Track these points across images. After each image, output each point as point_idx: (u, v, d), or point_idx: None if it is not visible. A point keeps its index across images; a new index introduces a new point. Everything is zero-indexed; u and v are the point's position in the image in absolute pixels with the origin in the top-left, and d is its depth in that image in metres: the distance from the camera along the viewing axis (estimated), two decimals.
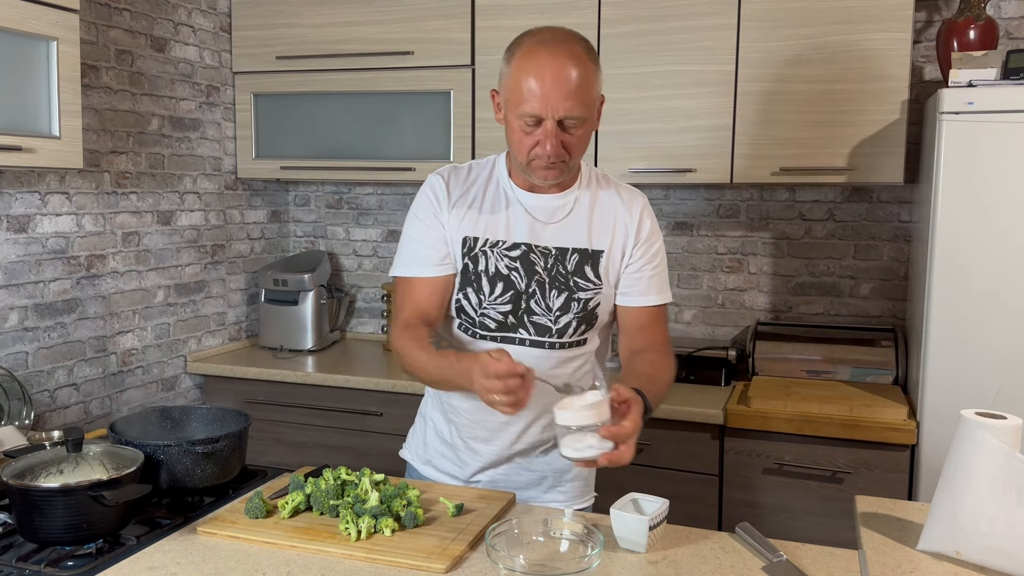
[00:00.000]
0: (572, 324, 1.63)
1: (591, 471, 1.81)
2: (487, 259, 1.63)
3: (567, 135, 1.51)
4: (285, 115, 3.15)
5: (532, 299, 1.62)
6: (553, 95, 1.47)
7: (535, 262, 1.62)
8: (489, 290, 1.63)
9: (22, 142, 2.02)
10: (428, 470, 1.82)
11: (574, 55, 1.50)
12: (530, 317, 1.62)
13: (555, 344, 1.64)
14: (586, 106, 1.50)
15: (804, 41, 2.54)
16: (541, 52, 1.50)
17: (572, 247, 1.63)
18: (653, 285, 1.66)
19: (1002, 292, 2.17)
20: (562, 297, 1.62)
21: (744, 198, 3.02)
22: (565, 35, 1.55)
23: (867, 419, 2.34)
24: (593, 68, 1.52)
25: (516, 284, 1.62)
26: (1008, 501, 1.22)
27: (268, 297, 3.25)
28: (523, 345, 1.63)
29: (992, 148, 2.14)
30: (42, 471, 1.46)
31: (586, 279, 1.63)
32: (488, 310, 1.63)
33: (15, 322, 2.41)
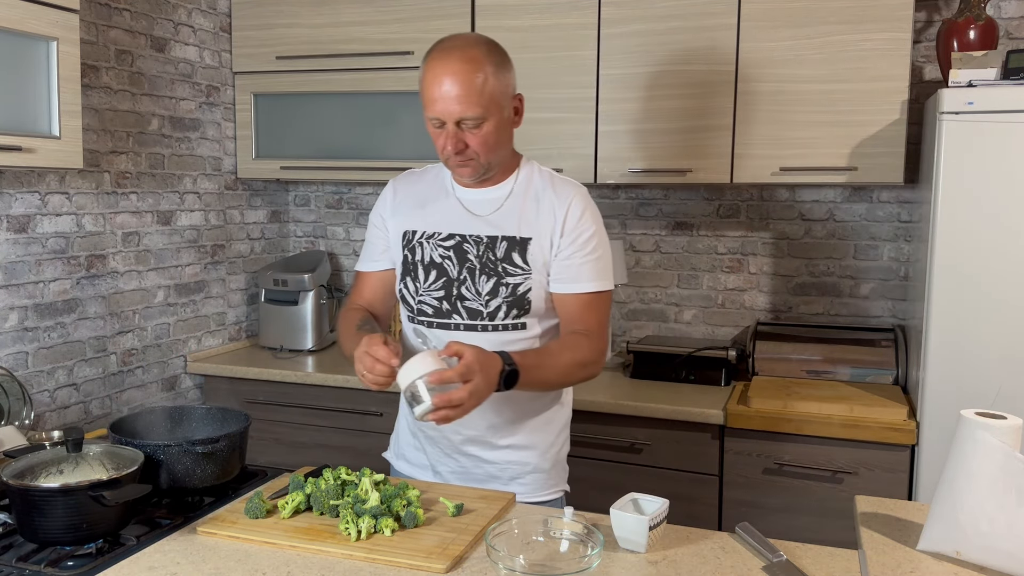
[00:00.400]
0: (502, 308, 1.71)
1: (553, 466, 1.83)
2: (423, 249, 1.76)
3: (470, 135, 1.63)
4: (285, 115, 3.15)
5: (463, 285, 1.72)
6: (446, 99, 1.59)
7: (468, 251, 1.73)
8: (424, 278, 1.75)
9: (22, 142, 2.02)
10: (401, 464, 1.89)
11: (467, 59, 1.59)
12: (462, 303, 1.73)
13: (487, 327, 1.72)
14: (481, 107, 1.59)
15: (804, 41, 2.54)
16: (438, 58, 1.61)
17: (502, 235, 1.72)
18: (584, 272, 1.71)
19: (1002, 292, 2.17)
20: (491, 282, 1.71)
21: (744, 198, 3.02)
22: (465, 40, 1.65)
23: (867, 419, 2.34)
24: (490, 69, 1.61)
25: (448, 272, 1.73)
26: (1008, 501, 1.22)
27: (268, 297, 3.25)
28: (458, 329, 1.73)
29: (992, 148, 2.14)
30: (42, 471, 1.46)
31: (514, 265, 1.71)
32: (424, 297, 1.75)
33: (15, 322, 2.41)
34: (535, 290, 1.71)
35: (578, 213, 1.71)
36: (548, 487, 1.82)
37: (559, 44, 2.79)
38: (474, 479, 1.78)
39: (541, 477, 1.80)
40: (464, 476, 1.79)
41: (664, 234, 3.12)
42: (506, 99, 1.65)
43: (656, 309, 3.16)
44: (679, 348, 2.81)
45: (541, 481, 1.80)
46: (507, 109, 1.66)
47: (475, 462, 1.78)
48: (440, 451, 1.80)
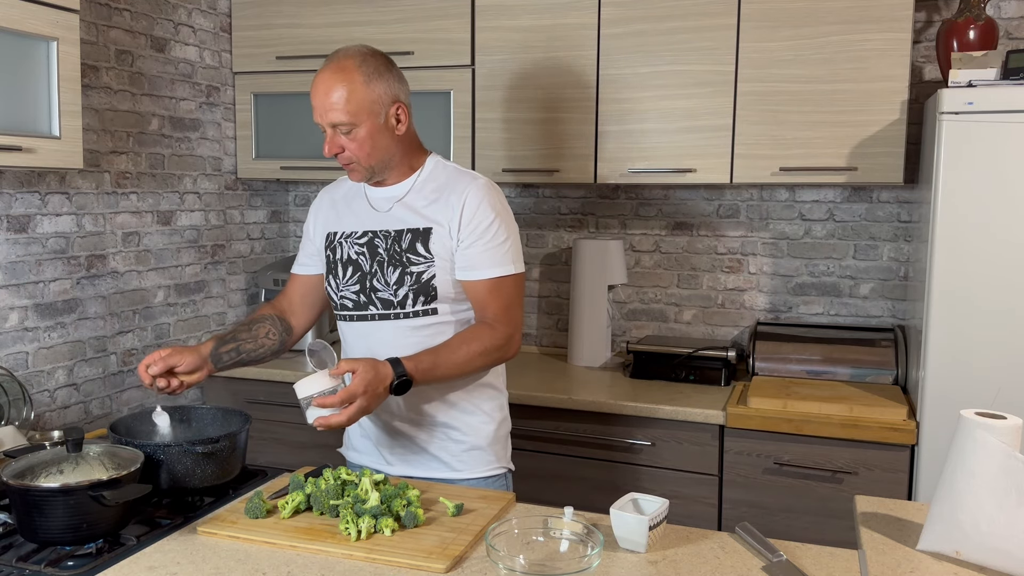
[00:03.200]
0: (409, 296, 1.80)
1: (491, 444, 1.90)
2: (342, 248, 1.88)
3: (346, 140, 1.76)
4: (285, 115, 3.15)
5: (375, 278, 1.83)
6: (319, 107, 1.74)
7: (378, 246, 1.83)
8: (342, 274, 1.87)
9: (22, 142, 2.02)
10: (352, 454, 1.99)
11: (338, 69, 1.73)
12: (376, 294, 1.83)
13: (399, 315, 1.81)
14: (349, 114, 1.72)
15: (804, 41, 2.54)
16: (320, 68, 1.76)
17: (406, 228, 1.82)
18: (485, 259, 1.79)
19: (1002, 292, 2.17)
20: (397, 272, 1.81)
21: (744, 198, 3.02)
22: (345, 52, 1.77)
23: (867, 419, 2.34)
24: (360, 79, 1.73)
25: (362, 266, 1.84)
26: (1008, 501, 1.22)
27: (268, 297, 3.25)
28: (374, 319, 1.84)
29: (992, 148, 2.14)
30: (42, 471, 1.46)
31: (417, 254, 1.80)
32: (344, 292, 1.87)
33: (15, 322, 2.41)
34: (439, 276, 1.79)
35: (475, 203, 1.79)
36: (489, 464, 1.89)
37: (559, 44, 2.79)
38: (417, 462, 1.87)
39: (480, 454, 1.88)
40: (407, 459, 1.87)
41: (664, 234, 3.12)
42: (379, 107, 1.75)
43: (656, 309, 3.16)
44: (679, 348, 2.81)
45: (481, 458, 1.88)
46: (382, 116, 1.76)
47: (408, 442, 1.87)
48: (383, 435, 1.89)
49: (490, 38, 2.85)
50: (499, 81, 2.87)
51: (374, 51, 1.80)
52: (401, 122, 1.81)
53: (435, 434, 1.86)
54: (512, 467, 1.96)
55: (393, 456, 1.89)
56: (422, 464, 1.86)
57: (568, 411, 2.60)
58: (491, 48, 2.86)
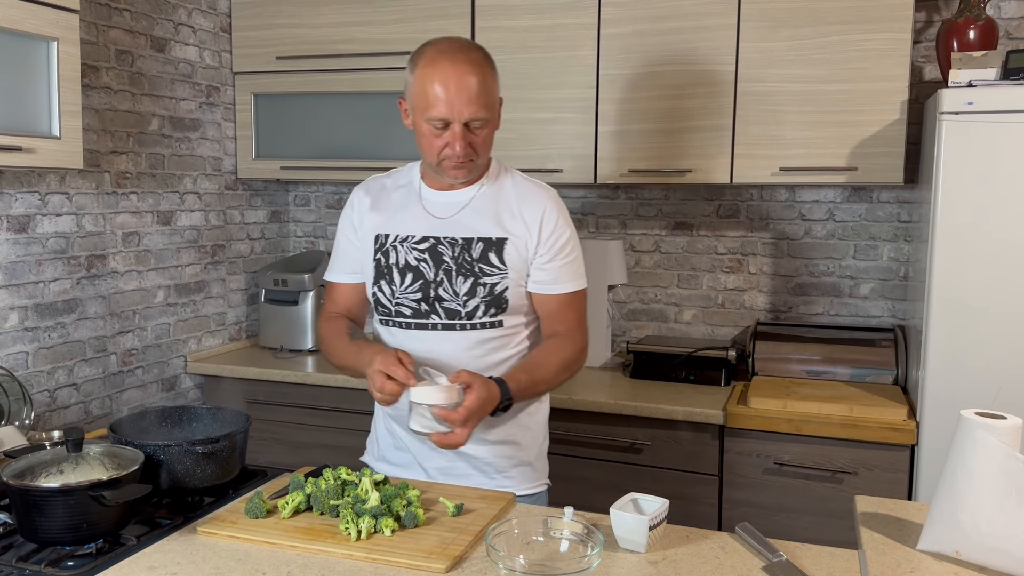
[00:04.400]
0: (480, 307, 1.74)
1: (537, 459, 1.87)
2: (397, 253, 1.78)
3: (473, 136, 1.67)
4: (285, 115, 3.15)
5: (440, 287, 1.75)
6: (457, 100, 1.63)
7: (443, 252, 1.75)
8: (400, 280, 1.77)
9: (22, 142, 2.02)
10: (383, 466, 1.89)
11: (473, 62, 1.65)
12: (440, 303, 1.75)
13: (465, 326, 1.75)
14: (488, 108, 1.66)
15: (804, 41, 2.54)
16: (443, 60, 1.64)
17: (477, 236, 1.75)
18: (563, 274, 1.77)
19: (1002, 292, 2.17)
20: (468, 282, 1.73)
21: (744, 198, 3.02)
22: (463, 44, 1.70)
23: (867, 419, 2.34)
24: (491, 73, 1.69)
25: (424, 274, 1.76)
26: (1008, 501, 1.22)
27: (268, 297, 3.25)
28: (436, 329, 1.76)
29: (992, 148, 2.14)
30: (42, 471, 1.46)
31: (491, 265, 1.74)
32: (402, 299, 1.77)
33: (15, 322, 2.41)
34: (512, 289, 1.74)
35: (553, 219, 1.76)
36: (534, 480, 1.85)
37: (559, 44, 2.79)
38: (460, 474, 1.79)
39: (527, 470, 1.84)
40: (450, 472, 1.79)
41: (664, 234, 3.12)
42: (499, 103, 1.74)
43: (656, 309, 3.16)
44: (679, 348, 2.81)
45: (528, 474, 1.84)
46: (498, 112, 1.74)
47: (464, 458, 1.79)
48: (426, 447, 1.79)
49: (490, 38, 2.85)
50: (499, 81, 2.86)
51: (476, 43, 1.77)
52: (499, 116, 1.77)
53: (491, 449, 1.79)
54: (550, 483, 1.91)
55: (438, 471, 1.80)
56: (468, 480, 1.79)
57: (568, 411, 2.60)
58: (491, 48, 2.82)
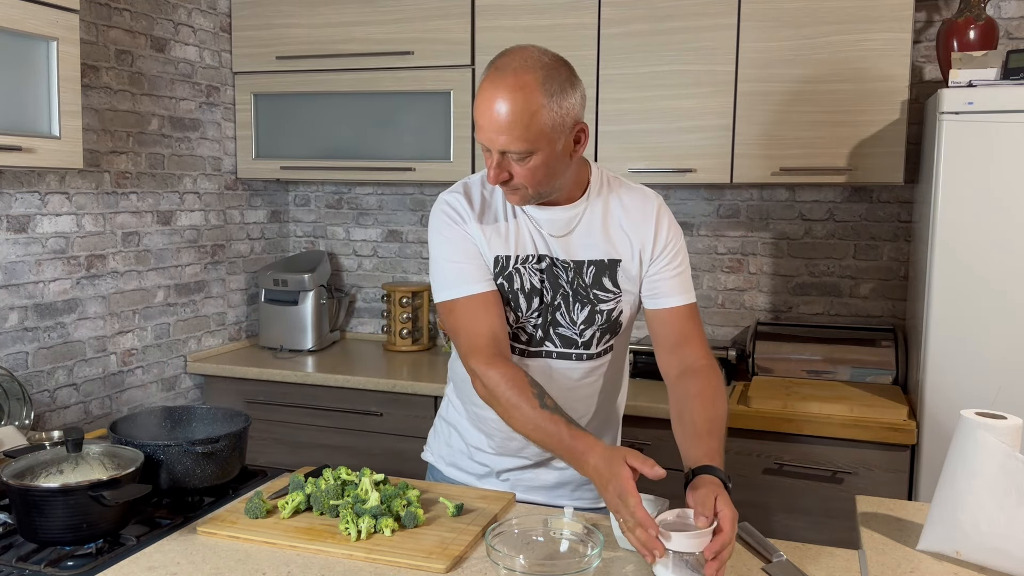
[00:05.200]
0: (596, 336, 1.63)
1: None
2: (520, 276, 1.60)
3: (515, 166, 1.47)
4: (285, 115, 3.15)
5: (558, 311, 1.61)
6: (490, 128, 1.44)
7: (559, 275, 1.60)
8: (526, 306, 1.61)
9: (22, 142, 2.02)
10: (453, 472, 1.83)
11: (518, 86, 1.41)
12: (556, 329, 1.62)
13: (582, 356, 1.64)
14: (526, 141, 1.43)
15: (804, 41, 2.54)
16: (488, 81, 1.45)
17: (588, 259, 1.60)
18: (680, 285, 1.63)
19: (1002, 292, 2.17)
20: (585, 311, 1.61)
21: (744, 198, 3.02)
22: (522, 62, 1.44)
23: (867, 419, 2.34)
24: (542, 99, 1.42)
25: (545, 296, 1.61)
26: (1008, 501, 1.22)
27: (268, 297, 3.25)
28: (550, 357, 1.64)
29: (992, 148, 2.14)
30: (42, 471, 1.46)
31: (605, 290, 1.61)
32: (524, 324, 1.63)
33: (15, 322, 2.41)
34: (625, 311, 1.64)
35: (667, 226, 1.62)
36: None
37: (559, 44, 2.75)
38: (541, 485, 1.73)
39: None
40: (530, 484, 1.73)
41: None
42: (560, 131, 1.46)
43: None
44: None
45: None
46: (562, 141, 1.47)
47: (554, 471, 1.73)
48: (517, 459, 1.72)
49: (490, 38, 2.85)
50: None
51: (557, 60, 1.48)
52: (581, 144, 1.52)
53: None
54: None
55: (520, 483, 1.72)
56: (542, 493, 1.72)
57: None
58: (491, 48, 2.86)
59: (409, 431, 2.74)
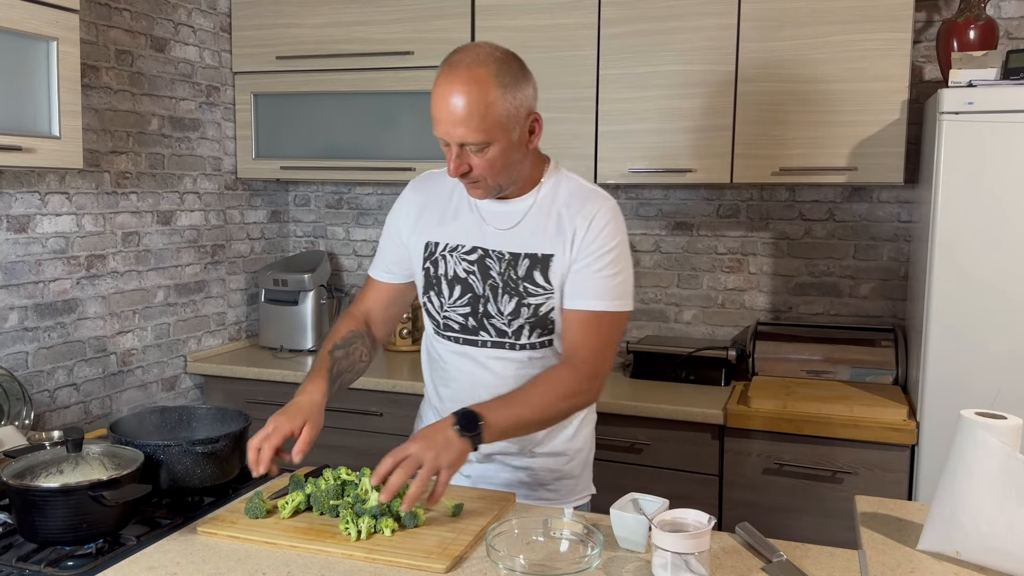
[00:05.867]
0: (525, 328, 1.65)
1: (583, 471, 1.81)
2: (446, 263, 1.68)
3: (474, 158, 1.53)
4: (285, 115, 3.15)
5: (488, 303, 1.66)
6: (447, 121, 1.50)
7: (490, 266, 1.65)
8: (448, 293, 1.69)
9: (22, 142, 2.02)
10: None
11: (472, 79, 1.48)
12: (489, 320, 1.67)
13: (515, 346, 1.67)
14: (483, 132, 1.49)
15: (804, 41, 2.54)
16: (443, 77, 1.52)
17: (524, 252, 1.64)
18: (591, 288, 1.61)
19: (1002, 292, 2.17)
20: (513, 302, 1.64)
21: (744, 198, 3.02)
22: (475, 56, 1.52)
23: (867, 419, 2.34)
24: (496, 91, 1.49)
25: (474, 287, 1.66)
26: (1008, 501, 1.22)
27: (268, 297, 3.25)
28: (486, 347, 1.69)
29: (992, 148, 2.14)
30: (42, 471, 1.46)
31: (535, 284, 1.63)
32: (450, 312, 1.69)
33: (15, 322, 2.41)
34: (557, 308, 1.64)
35: (601, 224, 1.61)
36: (577, 492, 1.80)
37: (559, 44, 2.79)
38: (501, 483, 1.75)
39: (570, 483, 1.78)
40: (490, 480, 1.75)
41: (664, 234, 3.12)
42: (516, 121, 1.53)
43: (656, 309, 3.16)
44: (679, 348, 2.81)
45: (570, 487, 1.78)
46: (517, 131, 1.54)
47: (507, 469, 1.75)
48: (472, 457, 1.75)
49: (490, 38, 2.84)
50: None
51: (508, 54, 1.55)
52: (535, 134, 1.59)
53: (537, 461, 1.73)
54: (594, 491, 1.84)
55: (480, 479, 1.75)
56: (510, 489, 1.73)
57: None
58: None
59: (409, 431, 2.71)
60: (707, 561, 1.26)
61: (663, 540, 1.25)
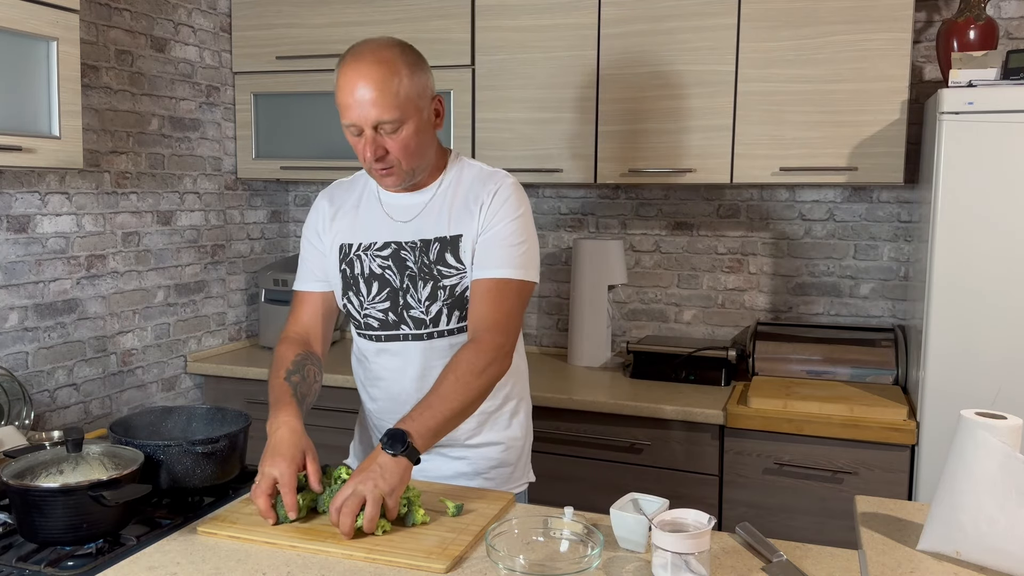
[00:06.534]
0: (443, 312, 1.68)
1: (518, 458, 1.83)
2: (362, 262, 1.72)
3: (389, 140, 1.58)
4: (285, 115, 3.15)
5: (408, 294, 1.69)
6: (361, 103, 1.54)
7: (406, 258, 1.69)
8: (367, 291, 1.71)
9: (22, 142, 2.02)
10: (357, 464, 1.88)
11: (379, 60, 1.54)
12: (408, 312, 1.69)
13: (434, 334, 1.70)
14: (397, 108, 1.55)
15: (804, 41, 2.54)
16: (349, 64, 1.56)
17: (434, 237, 1.68)
18: (494, 257, 1.64)
19: (1002, 292, 2.17)
20: (428, 287, 1.67)
21: (744, 198, 3.02)
22: (377, 43, 1.59)
23: (867, 419, 2.34)
24: (405, 71, 1.56)
25: (391, 282, 1.70)
26: (1008, 501, 1.22)
27: (268, 297, 3.25)
28: (406, 340, 1.71)
29: (992, 148, 2.14)
30: (42, 471, 1.46)
31: (448, 265, 1.67)
32: (370, 310, 1.72)
33: (15, 322, 2.41)
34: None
35: (503, 198, 1.66)
36: (514, 480, 1.84)
37: (559, 44, 2.79)
38: (440, 475, 1.76)
39: (506, 471, 1.82)
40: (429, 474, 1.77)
41: (664, 234, 3.12)
42: (424, 101, 1.61)
43: (656, 309, 3.16)
44: (679, 348, 2.81)
45: (506, 475, 1.82)
46: (426, 111, 1.61)
47: (444, 460, 1.78)
48: None
49: (490, 38, 2.85)
50: (499, 81, 2.87)
51: (405, 43, 1.63)
52: (440, 116, 1.67)
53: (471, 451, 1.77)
54: (533, 479, 1.89)
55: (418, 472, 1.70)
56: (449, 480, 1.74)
57: (568, 411, 2.60)
58: (491, 48, 2.86)
59: None
60: (707, 561, 1.26)
61: (663, 540, 1.24)
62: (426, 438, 1.50)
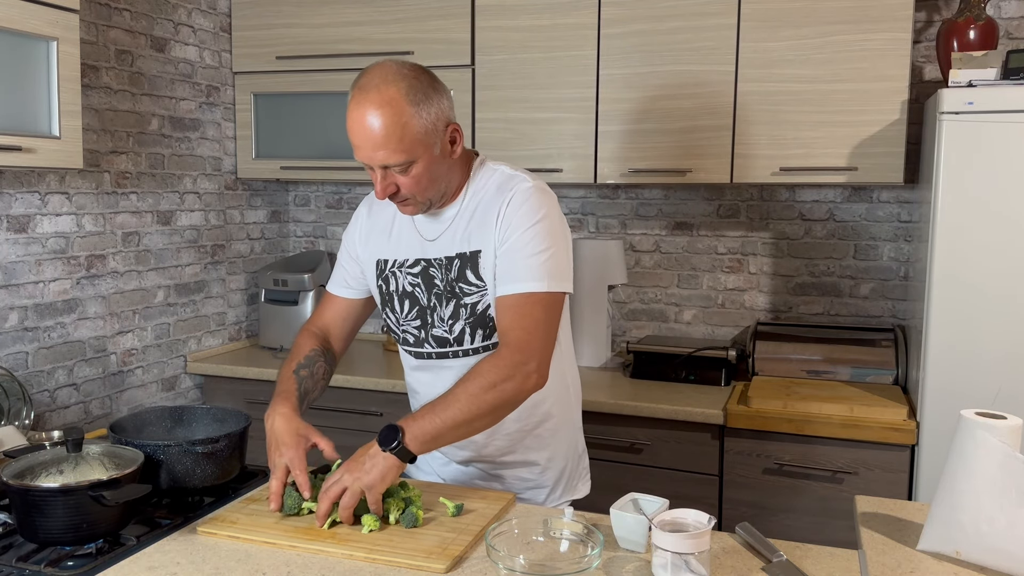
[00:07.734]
0: (466, 331, 1.63)
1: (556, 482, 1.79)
2: (396, 279, 1.70)
3: (399, 178, 1.52)
4: (285, 115, 3.15)
5: (434, 312, 1.66)
6: (365, 147, 1.49)
7: (434, 276, 1.65)
8: (400, 308, 1.70)
9: (22, 142, 2.02)
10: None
11: (382, 102, 1.46)
12: (432, 331, 1.67)
13: (458, 353, 1.66)
14: (402, 152, 1.48)
15: (804, 41, 2.54)
16: (355, 102, 1.49)
17: (455, 253, 1.62)
18: (515, 271, 1.54)
19: (1002, 292, 2.17)
20: (451, 305, 1.63)
21: (744, 198, 3.02)
22: (382, 79, 1.49)
23: (867, 419, 2.34)
24: (410, 110, 1.47)
25: (420, 300, 1.67)
26: (1008, 501, 1.22)
27: (268, 297, 3.25)
28: (432, 358, 1.70)
29: (992, 148, 2.14)
30: (42, 471, 1.46)
31: (468, 283, 1.61)
32: (405, 327, 1.71)
33: (15, 322, 2.41)
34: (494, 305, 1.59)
35: (518, 203, 1.56)
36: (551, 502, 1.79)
37: (559, 44, 2.79)
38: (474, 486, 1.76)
39: (543, 492, 1.78)
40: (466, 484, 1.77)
41: (664, 234, 3.12)
42: (434, 136, 1.51)
43: (656, 309, 3.16)
44: (679, 348, 2.81)
45: (543, 496, 1.78)
46: (437, 145, 1.53)
47: (481, 475, 1.77)
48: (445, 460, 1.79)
49: (490, 38, 2.85)
50: (499, 81, 2.87)
51: (416, 69, 1.53)
52: (457, 143, 1.57)
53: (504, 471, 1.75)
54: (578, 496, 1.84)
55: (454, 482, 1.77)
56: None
57: None
58: (491, 48, 2.86)
59: None
60: (707, 561, 1.26)
61: (663, 540, 1.24)
62: (421, 440, 1.47)
